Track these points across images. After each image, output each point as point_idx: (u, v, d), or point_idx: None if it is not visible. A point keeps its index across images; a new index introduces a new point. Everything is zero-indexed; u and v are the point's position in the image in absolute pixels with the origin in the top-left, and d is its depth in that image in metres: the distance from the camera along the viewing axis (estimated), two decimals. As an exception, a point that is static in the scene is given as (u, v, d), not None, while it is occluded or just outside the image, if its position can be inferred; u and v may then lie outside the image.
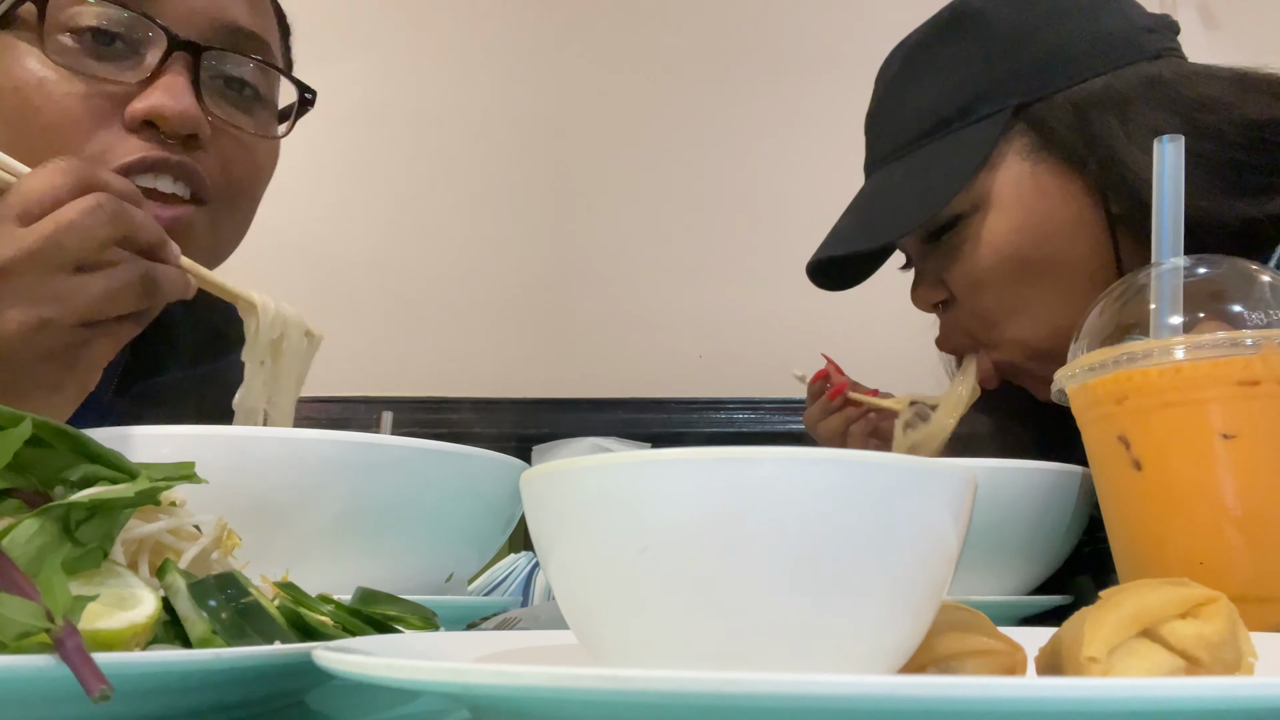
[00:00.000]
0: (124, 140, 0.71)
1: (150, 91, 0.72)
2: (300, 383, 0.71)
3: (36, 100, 0.70)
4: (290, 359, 0.70)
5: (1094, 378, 0.53)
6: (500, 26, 1.90)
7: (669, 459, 0.29)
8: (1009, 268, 0.80)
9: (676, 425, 1.76)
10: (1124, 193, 0.75)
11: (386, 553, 0.60)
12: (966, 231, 0.81)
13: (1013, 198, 0.80)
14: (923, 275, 0.88)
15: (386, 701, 0.43)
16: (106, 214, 0.56)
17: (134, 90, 0.72)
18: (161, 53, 0.72)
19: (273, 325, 0.69)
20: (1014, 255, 0.80)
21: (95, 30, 0.71)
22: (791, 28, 1.86)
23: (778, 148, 1.85)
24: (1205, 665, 0.32)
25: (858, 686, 0.22)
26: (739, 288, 1.82)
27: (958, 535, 0.32)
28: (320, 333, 0.72)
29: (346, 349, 1.73)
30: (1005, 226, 0.80)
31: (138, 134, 0.72)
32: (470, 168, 1.88)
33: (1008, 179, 0.80)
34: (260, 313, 0.68)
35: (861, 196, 0.89)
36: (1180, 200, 0.53)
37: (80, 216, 0.55)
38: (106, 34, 0.72)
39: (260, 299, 0.69)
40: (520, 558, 1.27)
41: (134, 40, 0.72)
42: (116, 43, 0.72)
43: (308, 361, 0.71)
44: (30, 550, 0.32)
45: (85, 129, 0.71)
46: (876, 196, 0.87)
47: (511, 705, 0.28)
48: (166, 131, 0.72)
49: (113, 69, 0.72)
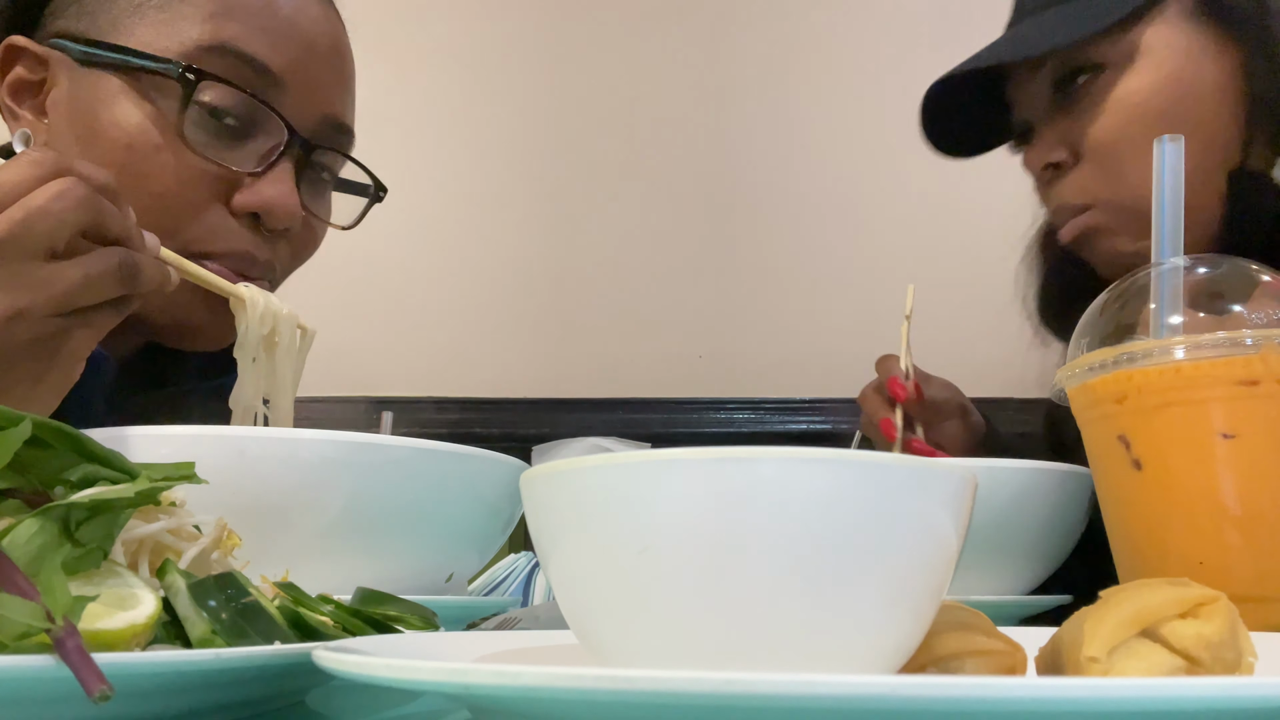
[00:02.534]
0: (226, 228, 0.73)
1: (260, 186, 0.73)
2: (297, 378, 0.71)
3: (149, 166, 0.71)
4: (284, 354, 0.69)
5: (1094, 377, 0.53)
6: (499, 26, 1.90)
7: (669, 459, 0.29)
8: (1145, 126, 0.77)
9: (676, 425, 1.75)
10: (1271, 75, 0.75)
11: (386, 553, 0.60)
12: (1107, 82, 0.79)
13: (1163, 55, 0.77)
14: (1043, 134, 0.84)
15: (386, 701, 0.43)
16: (75, 198, 0.55)
17: (239, 177, 0.73)
18: (277, 146, 0.74)
19: (262, 320, 0.68)
20: (1153, 113, 0.77)
21: (221, 112, 0.72)
22: (792, 28, 1.86)
23: (778, 147, 1.85)
24: (1205, 665, 0.32)
25: (858, 686, 0.22)
26: (739, 288, 1.82)
27: (958, 535, 0.32)
28: (313, 328, 0.71)
29: (346, 349, 1.73)
30: (1149, 83, 0.78)
31: (239, 221, 0.73)
32: (470, 167, 1.88)
33: (1162, 35, 0.78)
34: (249, 307, 0.68)
35: (1001, 39, 0.85)
36: (1180, 200, 0.53)
37: (48, 201, 0.54)
38: (230, 117, 0.72)
39: (248, 294, 0.68)
40: (520, 558, 1.27)
41: (251, 128, 0.73)
42: (235, 125, 0.73)
43: (302, 357, 0.71)
44: (30, 550, 0.32)
45: (193, 207, 0.72)
46: (1022, 29, 0.83)
47: (511, 705, 0.28)
48: (268, 226, 0.74)
49: (229, 155, 0.72)
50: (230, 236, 0.73)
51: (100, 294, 0.57)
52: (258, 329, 0.68)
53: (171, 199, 0.71)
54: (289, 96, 0.74)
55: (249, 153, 0.74)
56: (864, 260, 1.76)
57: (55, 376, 0.58)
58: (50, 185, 0.55)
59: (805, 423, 1.73)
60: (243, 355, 0.68)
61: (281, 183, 0.74)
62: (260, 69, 0.72)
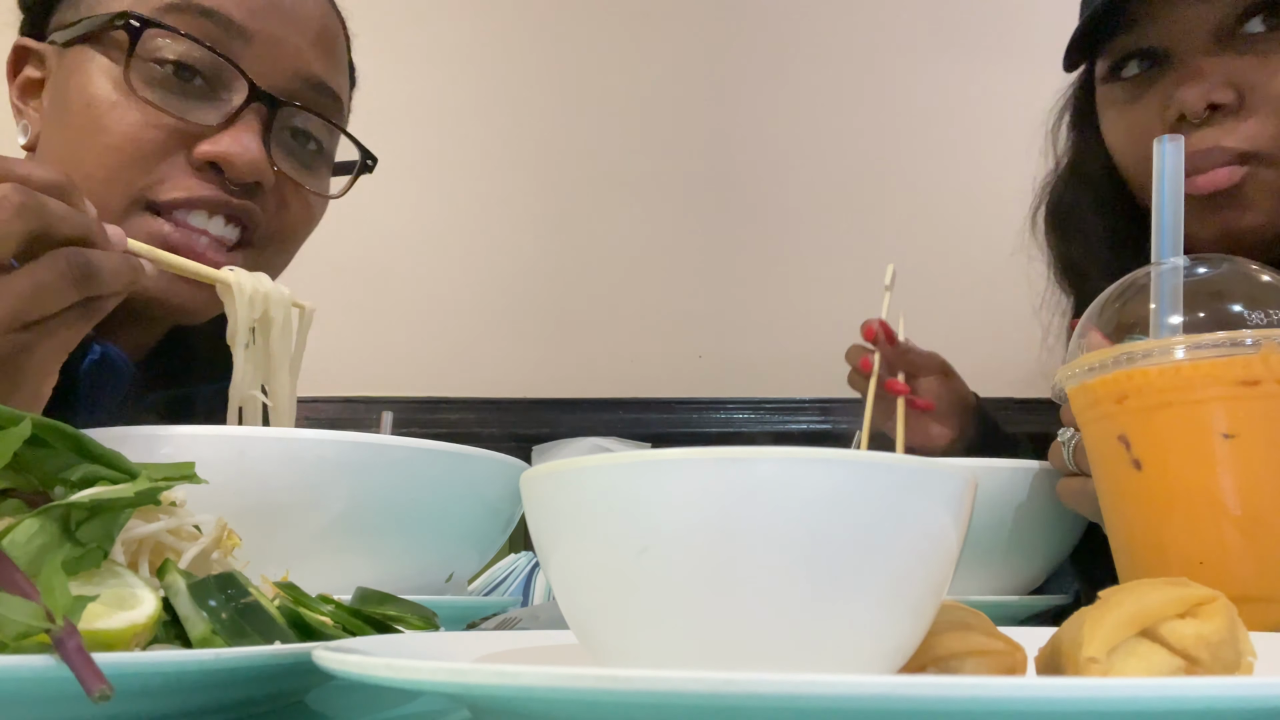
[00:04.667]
0: (186, 176, 0.72)
1: (221, 137, 0.72)
2: (298, 360, 0.69)
3: (106, 120, 0.71)
4: (279, 336, 0.67)
5: (1094, 378, 0.53)
6: (499, 25, 1.90)
7: (669, 459, 0.29)
8: None
9: (676, 425, 1.75)
10: None
11: (386, 553, 0.60)
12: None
13: None
14: (1205, 73, 0.77)
15: (386, 701, 0.43)
16: (13, 205, 0.51)
17: (204, 130, 0.72)
18: (239, 100, 0.73)
19: (251, 303, 0.66)
20: None
21: (179, 65, 0.72)
22: (791, 27, 1.86)
23: (778, 147, 1.85)
24: (1205, 665, 0.32)
25: (858, 686, 0.22)
26: (739, 288, 1.82)
27: (958, 535, 0.32)
28: (311, 305, 0.69)
29: (346, 349, 1.73)
30: None
31: (200, 173, 0.72)
32: (470, 167, 1.88)
33: None
34: (236, 292, 0.66)
35: None
36: (1180, 200, 0.53)
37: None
38: (190, 71, 0.72)
39: (234, 278, 0.66)
40: (520, 558, 1.27)
41: (214, 82, 0.73)
42: (196, 80, 0.72)
43: (302, 337, 0.69)
44: (30, 550, 0.32)
45: (148, 157, 0.71)
46: None
47: (511, 705, 0.28)
48: (231, 177, 0.73)
49: (188, 106, 0.72)
50: (191, 185, 0.72)
51: (56, 301, 0.53)
52: (247, 313, 0.66)
53: (128, 150, 0.70)
54: (256, 50, 0.74)
55: (216, 108, 0.73)
56: (864, 260, 1.76)
57: (23, 393, 0.55)
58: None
59: (805, 423, 1.73)
60: (235, 342, 0.66)
61: (240, 132, 0.73)
62: (222, 22, 0.72)
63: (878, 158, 1.80)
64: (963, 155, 1.74)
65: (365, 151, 0.84)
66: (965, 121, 1.75)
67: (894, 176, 1.78)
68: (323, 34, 0.80)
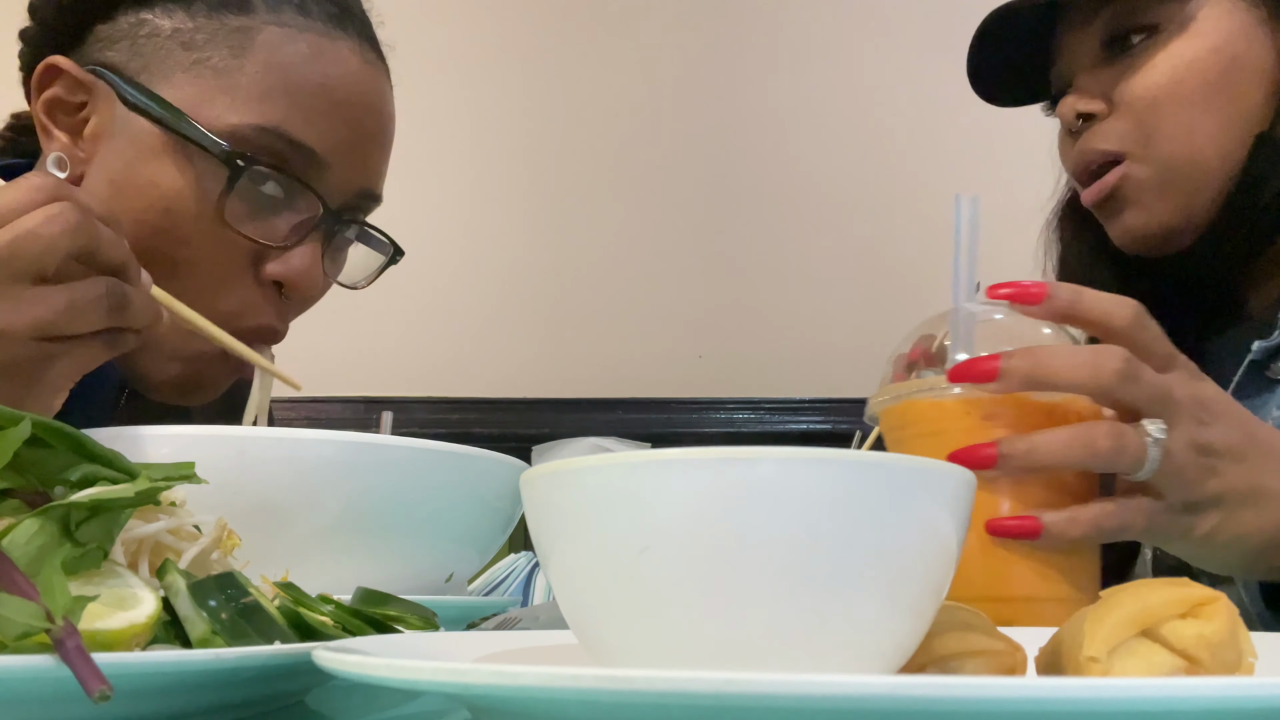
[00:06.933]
0: (253, 296, 0.73)
1: (290, 256, 0.73)
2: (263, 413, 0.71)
3: (182, 233, 0.70)
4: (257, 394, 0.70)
5: (882, 407, 0.60)
6: (500, 25, 1.90)
7: (669, 459, 0.29)
8: (1188, 90, 0.80)
9: (676, 425, 1.76)
10: None
11: (386, 553, 0.60)
12: (1158, 44, 0.81)
13: (1215, 26, 0.80)
14: (1082, 84, 0.85)
15: (386, 701, 0.44)
16: (67, 223, 0.54)
17: (269, 248, 0.72)
18: (310, 220, 0.73)
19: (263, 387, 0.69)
20: (1198, 77, 0.80)
21: (262, 191, 0.71)
22: (792, 27, 1.86)
23: (779, 147, 1.85)
24: (1205, 665, 0.32)
25: (858, 686, 0.22)
26: (739, 287, 1.82)
27: (958, 535, 0.32)
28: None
29: (346, 349, 1.73)
30: (1199, 49, 0.80)
31: (262, 288, 0.73)
32: (469, 166, 1.88)
33: (1217, 9, 0.81)
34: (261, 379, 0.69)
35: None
36: (975, 252, 0.60)
37: (39, 224, 0.53)
38: (271, 195, 0.72)
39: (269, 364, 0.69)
40: (520, 558, 1.28)
41: (288, 203, 0.73)
42: (273, 204, 0.72)
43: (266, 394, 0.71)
44: (30, 550, 0.32)
45: (222, 280, 0.71)
46: None
47: (511, 705, 0.28)
48: (291, 296, 0.74)
49: (261, 227, 0.72)
50: (258, 311, 0.73)
51: (86, 322, 0.55)
52: (267, 400, 0.69)
53: (204, 269, 0.70)
54: (331, 175, 0.73)
55: (281, 224, 0.73)
56: (865, 260, 1.76)
57: (35, 405, 0.56)
58: (43, 210, 0.54)
59: (805, 423, 1.73)
60: (247, 418, 0.69)
61: (309, 254, 0.73)
62: (307, 153, 0.72)
63: (878, 158, 1.80)
64: (966, 155, 1.73)
65: (395, 247, 0.85)
66: (967, 122, 1.75)
67: (895, 176, 1.78)
68: (388, 146, 0.81)
